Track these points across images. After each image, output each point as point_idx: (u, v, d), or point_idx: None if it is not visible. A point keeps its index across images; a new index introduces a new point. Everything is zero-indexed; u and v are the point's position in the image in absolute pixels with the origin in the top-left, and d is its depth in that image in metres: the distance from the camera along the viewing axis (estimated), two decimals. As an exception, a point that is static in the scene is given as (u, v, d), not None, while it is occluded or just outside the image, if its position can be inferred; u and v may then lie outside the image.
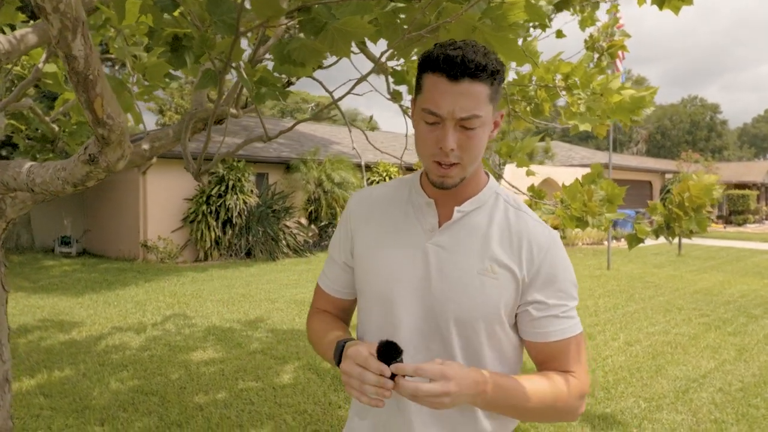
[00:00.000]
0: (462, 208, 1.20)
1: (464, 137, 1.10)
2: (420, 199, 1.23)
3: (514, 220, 1.21)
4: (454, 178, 1.13)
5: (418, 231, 1.21)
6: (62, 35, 1.01)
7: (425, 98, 1.11)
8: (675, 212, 3.24)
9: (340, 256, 1.33)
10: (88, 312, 7.44)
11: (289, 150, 15.36)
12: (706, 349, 5.81)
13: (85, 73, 1.08)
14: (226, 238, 12.73)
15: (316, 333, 1.34)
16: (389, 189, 1.32)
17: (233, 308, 7.74)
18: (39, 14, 0.99)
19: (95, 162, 1.26)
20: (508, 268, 1.16)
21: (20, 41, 2.24)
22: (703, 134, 61.77)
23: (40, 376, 4.84)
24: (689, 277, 10.86)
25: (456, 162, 1.11)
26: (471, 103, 1.07)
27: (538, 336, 1.18)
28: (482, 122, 1.10)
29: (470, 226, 1.20)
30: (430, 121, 1.10)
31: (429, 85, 1.10)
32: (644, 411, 4.13)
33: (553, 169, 17.50)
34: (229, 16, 1.71)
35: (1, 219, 2.06)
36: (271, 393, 4.46)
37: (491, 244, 1.18)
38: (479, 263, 1.16)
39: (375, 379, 1.04)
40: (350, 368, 1.08)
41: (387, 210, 1.28)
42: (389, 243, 1.23)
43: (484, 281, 1.15)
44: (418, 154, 1.17)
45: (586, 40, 3.99)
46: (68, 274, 10.89)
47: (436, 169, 1.13)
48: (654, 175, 25.54)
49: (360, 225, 1.29)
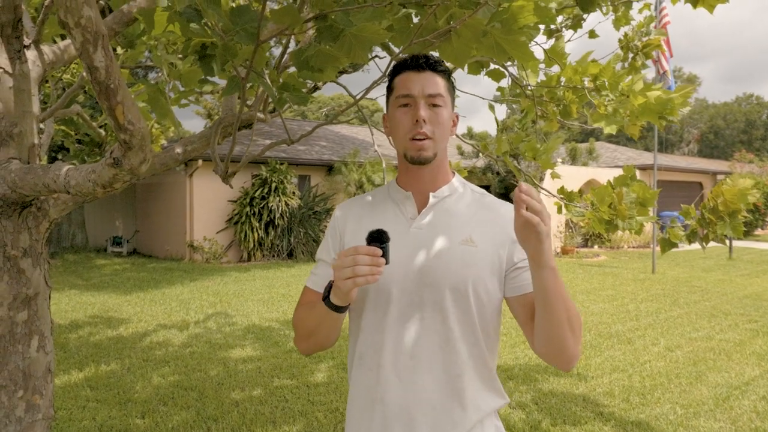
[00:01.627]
0: (436, 194, 1.38)
1: (433, 114, 1.32)
2: (399, 194, 1.41)
3: (481, 200, 1.42)
4: (428, 151, 1.32)
5: (401, 220, 1.38)
6: (84, 48, 1.11)
7: (398, 90, 1.35)
8: (708, 217, 3.18)
9: (329, 255, 1.42)
10: (135, 309, 7.74)
11: (330, 152, 15.56)
12: (752, 356, 5.62)
13: (106, 82, 1.17)
14: (268, 239, 13.00)
15: (305, 308, 1.39)
16: (368, 196, 1.50)
17: (273, 308, 7.91)
18: (63, 28, 1.08)
19: (119, 165, 1.36)
20: (484, 238, 1.33)
21: (64, 52, 2.39)
22: (759, 133, 59.35)
23: (88, 369, 5.07)
24: (739, 282, 10.50)
25: (429, 137, 1.31)
26: (435, 86, 1.33)
27: (528, 287, 1.29)
28: (445, 102, 1.34)
29: (445, 208, 1.38)
30: (404, 103, 1.33)
31: (400, 80, 1.36)
32: (680, 418, 4.04)
33: (597, 170, 17.15)
34: (250, 25, 1.79)
35: (45, 219, 2.20)
36: (304, 391, 4.56)
37: (466, 220, 1.36)
38: (458, 236, 1.32)
39: (368, 258, 1.13)
40: (341, 260, 1.16)
41: (371, 209, 1.44)
42: None
43: (466, 250, 1.31)
44: (396, 142, 1.38)
45: (620, 40, 3.94)
46: (118, 272, 11.31)
47: (413, 144, 1.32)
48: (705, 176, 24.71)
49: (347, 226, 1.43)
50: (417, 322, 1.31)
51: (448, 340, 1.30)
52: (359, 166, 14.53)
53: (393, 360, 1.31)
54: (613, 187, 3.31)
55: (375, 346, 1.34)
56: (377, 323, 1.34)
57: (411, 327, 1.31)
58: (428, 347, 1.30)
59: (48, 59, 2.31)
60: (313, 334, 1.35)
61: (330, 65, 1.84)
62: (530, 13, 1.61)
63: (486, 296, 1.32)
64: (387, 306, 1.32)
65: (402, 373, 1.30)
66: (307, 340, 1.38)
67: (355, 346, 1.40)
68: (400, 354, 1.31)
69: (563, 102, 3.30)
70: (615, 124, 3.09)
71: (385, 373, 1.32)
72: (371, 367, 1.34)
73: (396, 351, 1.31)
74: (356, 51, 1.84)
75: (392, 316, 1.32)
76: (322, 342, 1.37)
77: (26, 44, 2.14)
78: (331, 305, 1.24)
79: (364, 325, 1.37)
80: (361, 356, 1.37)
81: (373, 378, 1.33)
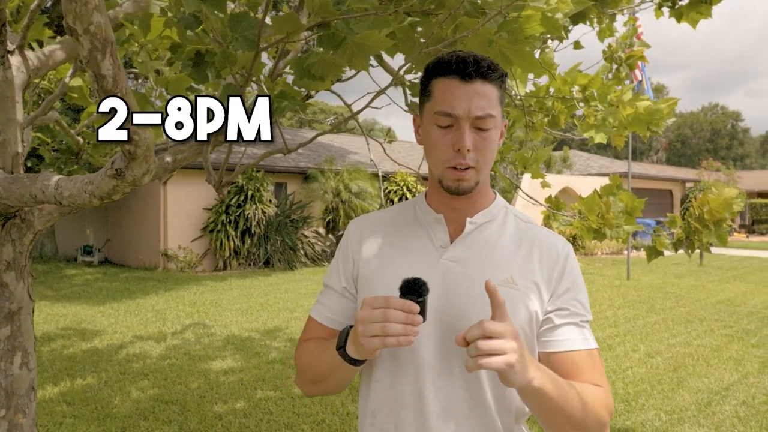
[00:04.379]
0: (474, 220, 1.16)
1: (479, 138, 1.08)
2: (428, 216, 1.18)
3: (526, 231, 1.18)
4: (469, 182, 1.10)
5: (429, 248, 1.15)
6: (92, 55, 1.05)
7: (437, 102, 1.09)
8: (694, 226, 3.22)
9: (339, 282, 1.22)
10: (109, 321, 7.55)
11: (307, 160, 15.48)
12: (729, 361, 5.72)
13: (113, 91, 1.12)
14: (244, 248, 12.84)
15: (313, 349, 1.19)
16: (390, 212, 1.27)
17: (252, 317, 7.80)
18: (70, 35, 1.03)
19: (122, 176, 1.30)
20: (529, 279, 1.11)
21: (48, 57, 2.31)
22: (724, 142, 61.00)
23: (63, 384, 4.92)
24: (711, 288, 10.71)
25: (472, 165, 1.08)
26: (485, 102, 1.07)
27: (560, 345, 1.10)
28: (495, 123, 1.09)
29: (483, 239, 1.15)
30: (444, 123, 1.08)
31: (441, 88, 1.09)
32: (665, 424, 4.08)
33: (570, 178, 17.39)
34: (250, 32, 1.76)
35: (29, 230, 2.12)
36: (289, 403, 4.48)
37: (508, 255, 1.14)
38: (498, 275, 1.10)
39: (401, 315, 0.93)
40: (368, 312, 0.95)
41: (393, 231, 1.21)
42: (399, 262, 1.15)
43: (506, 293, 1.06)
44: (430, 162, 1.14)
45: (605, 51, 3.98)
46: (90, 283, 11.05)
47: (452, 173, 1.09)
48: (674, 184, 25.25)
49: (363, 248, 1.21)
50: (444, 377, 1.09)
51: (480, 402, 1.10)
52: (336, 173, 14.48)
53: (414, 421, 1.11)
54: (600, 196, 3.34)
55: (392, 402, 1.13)
56: (395, 374, 1.12)
57: (437, 382, 1.10)
58: (456, 408, 1.09)
59: (33, 65, 2.24)
60: (322, 381, 1.16)
61: (331, 73, 1.81)
62: (537, 23, 1.61)
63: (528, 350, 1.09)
64: (408, 354, 1.11)
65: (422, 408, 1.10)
66: (313, 385, 1.20)
67: (367, 401, 1.18)
68: (425, 414, 1.10)
69: (552, 112, 3.32)
70: (604, 134, 3.12)
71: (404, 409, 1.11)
72: (387, 429, 1.14)
73: (419, 411, 1.10)
74: (357, 59, 1.81)
75: (414, 366, 1.11)
76: (330, 389, 1.18)
77: (10, 50, 2.06)
78: (348, 358, 1.04)
79: (380, 375, 1.14)
80: (374, 414, 1.16)
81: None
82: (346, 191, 14.28)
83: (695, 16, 3.39)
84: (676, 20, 3.47)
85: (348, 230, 1.27)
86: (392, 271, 1.14)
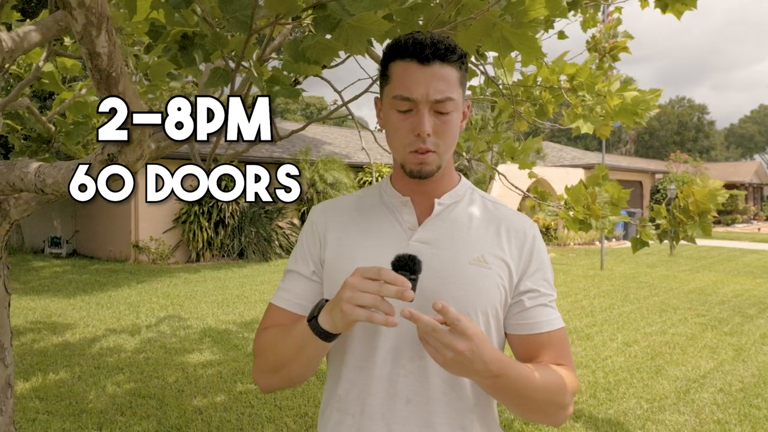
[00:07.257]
0: (442, 201, 1.15)
1: (439, 122, 1.06)
2: (394, 199, 1.17)
3: (494, 212, 1.19)
4: (431, 165, 1.08)
5: (397, 230, 1.14)
6: (86, 31, 0.98)
7: (395, 86, 1.06)
8: (679, 217, 3.24)
9: (308, 266, 1.18)
10: (80, 314, 7.36)
11: (281, 150, 15.30)
12: (704, 349, 5.83)
13: (108, 70, 1.04)
14: (218, 239, 12.66)
15: (276, 332, 1.13)
16: (353, 197, 1.25)
17: (228, 309, 7.69)
18: (63, 9, 0.95)
19: (114, 162, 1.23)
20: (498, 257, 1.12)
21: (23, 39, 2.19)
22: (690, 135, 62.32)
23: (35, 379, 4.77)
24: (682, 277, 10.92)
25: (432, 149, 1.07)
26: (444, 86, 1.04)
27: (531, 327, 1.11)
28: (455, 106, 1.07)
29: (451, 219, 1.15)
30: (403, 108, 1.06)
31: (399, 71, 1.06)
32: (647, 412, 4.13)
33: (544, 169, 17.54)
34: (242, 13, 1.68)
35: (5, 220, 2.01)
36: (270, 395, 4.42)
37: (477, 235, 1.14)
38: (469, 254, 1.11)
39: (394, 289, 0.90)
40: (359, 281, 0.92)
41: (359, 215, 1.19)
42: (368, 245, 1.14)
43: (478, 272, 1.09)
44: (391, 146, 1.12)
45: (588, 42, 3.98)
46: (59, 275, 10.77)
47: (413, 157, 1.08)
48: (644, 176, 25.69)
49: (329, 232, 1.19)
50: (416, 360, 1.07)
51: (453, 384, 1.09)
52: (311, 164, 14.35)
53: (382, 406, 1.08)
54: (586, 186, 3.34)
55: (360, 386, 1.10)
56: (365, 358, 1.10)
57: (408, 365, 1.08)
58: (429, 392, 1.08)
59: (6, 47, 2.12)
60: (286, 365, 1.09)
61: (327, 56, 1.75)
62: (542, 5, 1.57)
63: (497, 330, 1.12)
64: (379, 337, 1.08)
65: (394, 423, 1.08)
66: (274, 373, 1.12)
67: (336, 384, 1.14)
68: (394, 399, 1.08)
69: (539, 101, 3.30)
70: (591, 123, 3.11)
71: (369, 423, 1.08)
72: (353, 413, 1.10)
73: (388, 395, 1.08)
74: (354, 42, 1.75)
75: (385, 349, 1.09)
76: (293, 377, 1.11)
77: (-17, 29, 1.95)
78: (320, 330, 0.98)
79: (349, 359, 1.11)
80: (340, 399, 1.12)
81: (353, 427, 1.10)
82: (321, 182, 14.16)
83: (680, 7, 3.38)
84: (662, 11, 3.47)
85: (312, 215, 1.24)
86: (362, 254, 1.13)
